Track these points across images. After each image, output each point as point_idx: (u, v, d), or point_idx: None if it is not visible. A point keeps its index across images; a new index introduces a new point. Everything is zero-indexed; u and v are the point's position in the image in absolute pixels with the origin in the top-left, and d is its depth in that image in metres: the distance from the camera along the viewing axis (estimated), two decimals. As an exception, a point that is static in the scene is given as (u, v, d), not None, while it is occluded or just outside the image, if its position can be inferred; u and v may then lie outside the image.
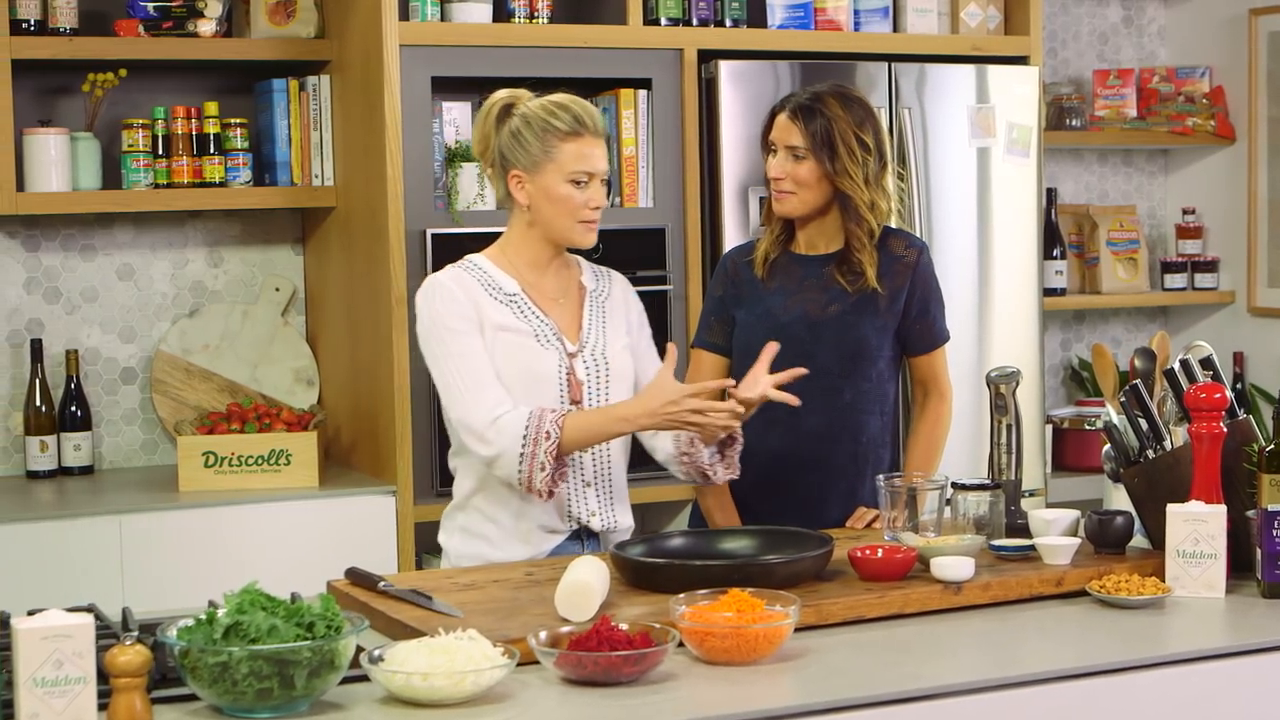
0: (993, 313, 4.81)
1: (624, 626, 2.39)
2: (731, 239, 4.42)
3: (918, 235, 4.59)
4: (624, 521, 3.25)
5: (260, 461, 4.24)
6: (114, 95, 4.41)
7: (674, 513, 4.52)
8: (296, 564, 3.95)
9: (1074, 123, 5.52)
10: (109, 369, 4.62)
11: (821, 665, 2.43)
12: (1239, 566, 2.84)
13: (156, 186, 4.40)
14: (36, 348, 4.45)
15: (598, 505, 3.19)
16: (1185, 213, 5.74)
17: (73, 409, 4.46)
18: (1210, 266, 5.67)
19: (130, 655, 2.10)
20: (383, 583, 2.77)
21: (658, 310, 4.23)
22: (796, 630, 2.48)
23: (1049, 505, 4.72)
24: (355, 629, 2.24)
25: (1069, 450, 5.27)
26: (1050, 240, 5.39)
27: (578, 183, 3.08)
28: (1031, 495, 4.82)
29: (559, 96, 3.14)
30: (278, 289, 4.73)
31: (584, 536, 3.20)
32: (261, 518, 4.15)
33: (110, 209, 4.40)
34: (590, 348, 3.17)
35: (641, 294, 3.40)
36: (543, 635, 2.37)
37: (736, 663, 2.40)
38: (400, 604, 2.67)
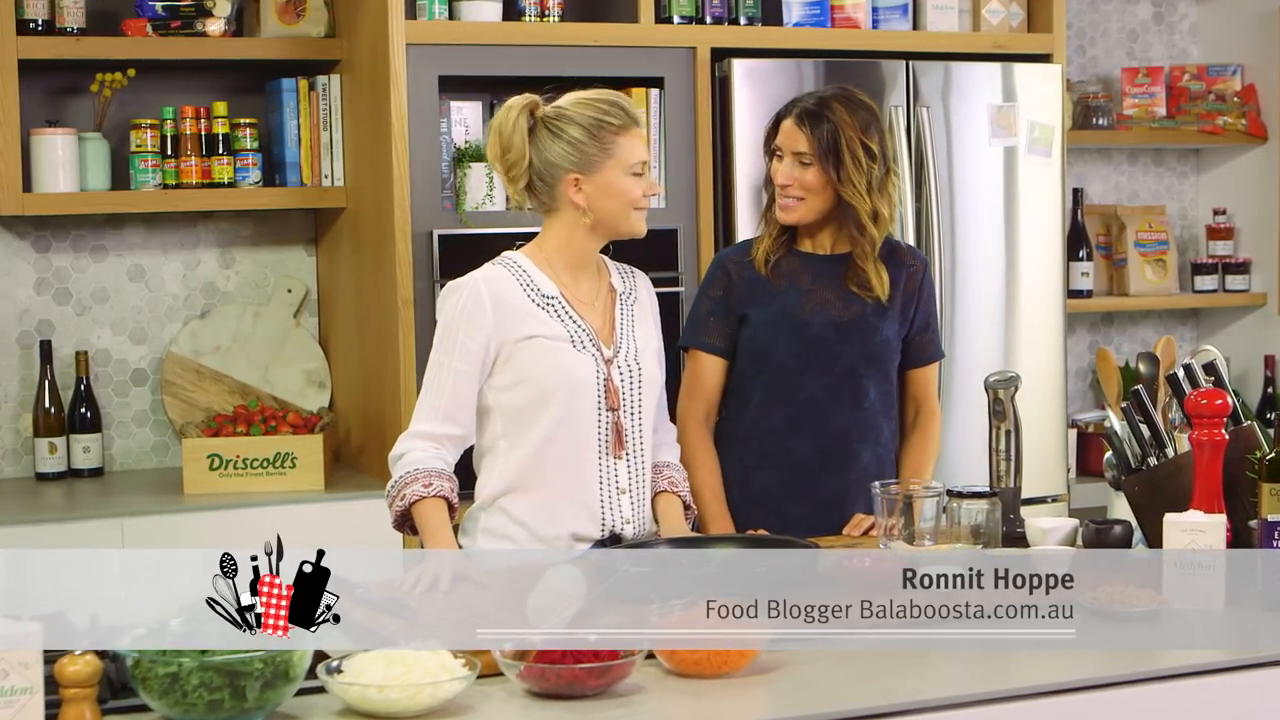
0: (1018, 314, 4.73)
1: (592, 636, 2.33)
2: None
3: (937, 237, 4.55)
4: (653, 527, 3.19)
5: (265, 464, 4.21)
6: (122, 95, 4.39)
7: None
8: (299, 568, 3.91)
9: (1101, 122, 5.42)
10: (119, 370, 4.60)
11: (795, 678, 2.36)
12: (1241, 577, 2.76)
13: (165, 187, 4.37)
14: (46, 349, 4.44)
15: (632, 513, 3.13)
16: (1216, 213, 5.63)
17: (82, 411, 4.44)
18: (1242, 268, 5.56)
19: (79, 665, 2.08)
20: (359, 590, 2.72)
21: (669, 311, 4.12)
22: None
23: (1071, 511, 4.64)
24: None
25: (1093, 455, 5.16)
26: (1076, 241, 5.29)
27: (637, 174, 3.07)
28: (1054, 501, 4.75)
29: (591, 94, 3.09)
30: (289, 290, 4.70)
31: (610, 544, 3.12)
32: (266, 521, 4.10)
33: (117, 209, 4.38)
34: (624, 353, 3.14)
35: (653, 295, 3.35)
36: (508, 646, 2.32)
37: (708, 675, 2.34)
38: (374, 612, 2.62)
